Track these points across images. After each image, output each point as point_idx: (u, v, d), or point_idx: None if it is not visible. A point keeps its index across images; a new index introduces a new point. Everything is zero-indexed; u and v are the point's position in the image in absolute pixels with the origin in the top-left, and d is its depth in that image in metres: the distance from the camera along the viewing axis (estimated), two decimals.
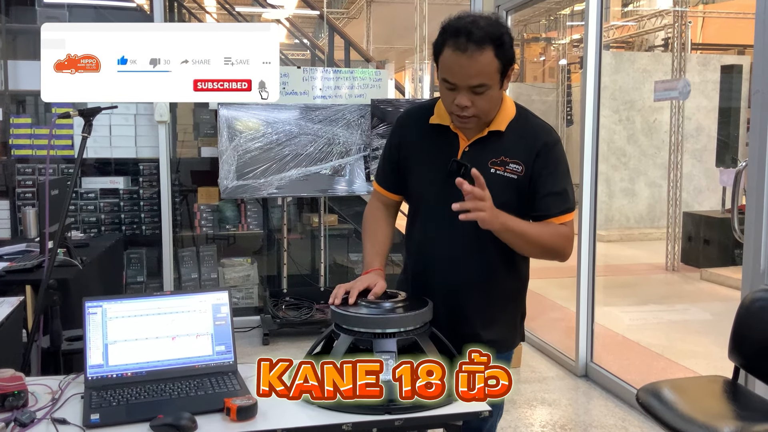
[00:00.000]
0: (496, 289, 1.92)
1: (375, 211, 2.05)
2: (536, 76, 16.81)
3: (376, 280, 1.85)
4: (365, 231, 2.04)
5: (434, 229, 1.90)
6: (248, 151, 4.65)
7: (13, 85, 4.96)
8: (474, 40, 1.66)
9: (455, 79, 1.71)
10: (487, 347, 1.81)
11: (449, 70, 1.72)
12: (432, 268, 1.93)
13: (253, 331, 5.04)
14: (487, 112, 1.80)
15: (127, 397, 1.67)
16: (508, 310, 1.98)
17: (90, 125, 2.36)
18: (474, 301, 1.90)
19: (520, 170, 1.81)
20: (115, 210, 5.04)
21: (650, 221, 10.16)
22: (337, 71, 5.14)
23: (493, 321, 1.93)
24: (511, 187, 1.82)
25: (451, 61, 1.70)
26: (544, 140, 1.84)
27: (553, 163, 1.84)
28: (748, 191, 2.81)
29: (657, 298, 6.77)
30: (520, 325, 2.05)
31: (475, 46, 1.66)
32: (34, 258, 3.39)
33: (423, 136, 1.91)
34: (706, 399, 2.43)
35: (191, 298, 1.87)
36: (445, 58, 1.72)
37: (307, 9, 7.91)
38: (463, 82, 1.71)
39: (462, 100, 1.73)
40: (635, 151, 10.17)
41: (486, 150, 1.83)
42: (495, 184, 1.77)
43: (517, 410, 3.65)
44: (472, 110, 1.75)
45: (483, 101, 1.75)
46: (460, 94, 1.73)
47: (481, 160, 1.80)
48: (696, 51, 12.59)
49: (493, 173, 1.81)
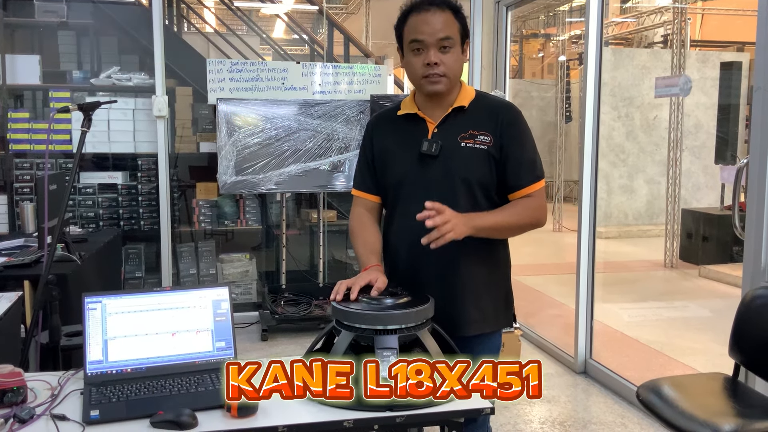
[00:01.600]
0: (483, 265, 1.96)
1: (359, 217, 2.08)
2: (535, 73, 16.79)
3: (376, 275, 1.86)
4: (354, 236, 2.06)
5: (414, 210, 1.89)
6: (247, 146, 4.64)
7: (11, 80, 4.94)
8: (435, 3, 1.87)
9: (424, 35, 1.85)
10: (476, 324, 1.93)
11: (416, 29, 1.86)
12: (418, 252, 1.88)
13: (251, 327, 5.03)
14: (455, 72, 1.90)
15: (126, 393, 1.66)
16: (495, 282, 2.01)
17: (89, 120, 2.35)
18: (460, 277, 1.93)
19: (488, 141, 1.91)
20: (113, 205, 5.03)
21: (649, 218, 10.17)
22: (336, 67, 5.12)
23: (484, 293, 1.96)
24: (483, 158, 1.91)
25: (417, 22, 1.86)
26: (506, 111, 1.96)
27: (519, 132, 1.94)
28: (749, 188, 2.81)
29: (656, 295, 6.77)
30: (506, 305, 2.06)
31: (436, 8, 1.86)
32: (32, 253, 3.38)
33: (393, 129, 2.02)
34: (707, 396, 2.43)
35: (191, 294, 1.86)
36: (410, 23, 1.88)
37: (306, 4, 7.88)
38: (431, 37, 1.85)
39: (431, 57, 1.85)
40: (634, 148, 10.17)
41: (454, 126, 1.93)
42: (467, 157, 1.90)
43: (516, 406, 3.65)
44: (442, 68, 1.86)
45: (450, 59, 1.87)
46: (429, 52, 1.86)
47: (451, 136, 1.92)
48: (695, 48, 12.59)
49: (464, 147, 1.91)
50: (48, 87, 4.99)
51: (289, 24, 8.68)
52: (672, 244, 7.88)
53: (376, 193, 2.07)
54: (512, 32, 4.50)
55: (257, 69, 4.90)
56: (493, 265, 2.00)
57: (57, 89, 4.94)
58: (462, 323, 1.93)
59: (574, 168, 8.51)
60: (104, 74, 5.11)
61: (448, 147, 1.91)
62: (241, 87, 4.83)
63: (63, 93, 4.93)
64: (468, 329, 1.94)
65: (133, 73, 5.14)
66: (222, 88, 4.78)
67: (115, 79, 5.09)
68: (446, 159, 1.90)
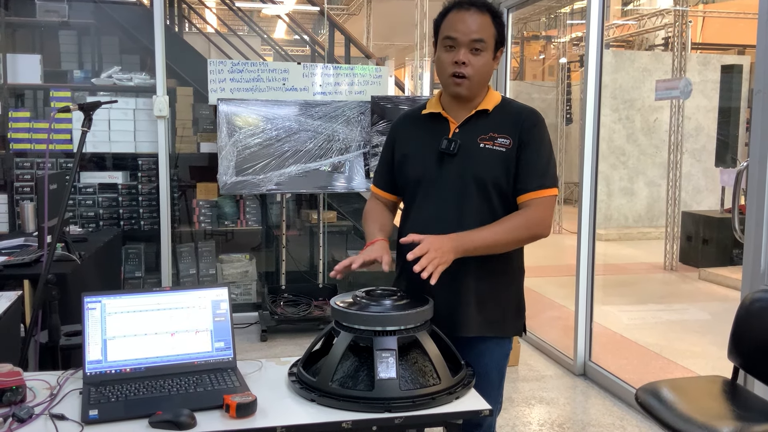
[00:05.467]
0: (493, 265, 1.94)
1: (374, 205, 2.13)
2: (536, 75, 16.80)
3: (381, 252, 1.87)
4: (365, 218, 2.10)
5: (431, 210, 1.95)
6: (247, 146, 4.64)
7: (12, 79, 4.95)
8: (476, 5, 1.88)
9: (458, 33, 1.87)
10: (482, 327, 1.92)
11: (452, 26, 1.88)
12: None
13: (251, 328, 5.03)
14: (481, 76, 1.91)
15: (125, 393, 1.66)
16: (504, 289, 2.00)
17: (90, 119, 2.35)
18: (472, 277, 1.92)
19: (508, 143, 1.91)
20: (113, 205, 5.03)
21: (649, 220, 10.17)
22: (337, 68, 5.12)
23: (490, 300, 1.95)
24: (500, 160, 1.91)
25: (455, 19, 1.88)
26: (529, 116, 1.95)
27: (537, 137, 1.93)
28: (749, 192, 2.81)
29: (655, 297, 6.77)
30: (517, 314, 2.04)
31: (476, 9, 1.88)
32: (32, 252, 3.38)
33: (417, 127, 2.05)
34: (706, 399, 2.43)
35: (191, 294, 1.86)
36: (448, 19, 1.90)
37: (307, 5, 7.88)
38: (465, 36, 1.86)
39: (461, 56, 1.87)
40: (634, 150, 10.17)
41: (475, 128, 1.94)
42: (485, 158, 1.90)
43: (515, 408, 3.65)
44: (469, 69, 1.88)
45: (479, 62, 1.88)
46: (460, 51, 1.87)
47: (471, 137, 1.93)
48: (696, 50, 12.59)
49: (483, 147, 1.92)
50: (49, 86, 4.99)
51: (290, 25, 8.68)
52: (672, 247, 7.88)
53: (392, 192, 2.10)
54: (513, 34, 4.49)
55: (258, 69, 4.90)
56: (504, 271, 1.98)
57: (58, 89, 4.94)
58: (464, 323, 1.92)
59: (575, 170, 8.51)
60: (105, 74, 5.11)
61: (467, 146, 1.92)
62: (242, 87, 4.83)
63: (64, 92, 4.93)
64: (469, 329, 1.93)
65: (134, 73, 5.14)
66: (223, 89, 4.78)
67: (116, 78, 5.09)
68: (463, 158, 1.91)
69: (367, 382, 1.65)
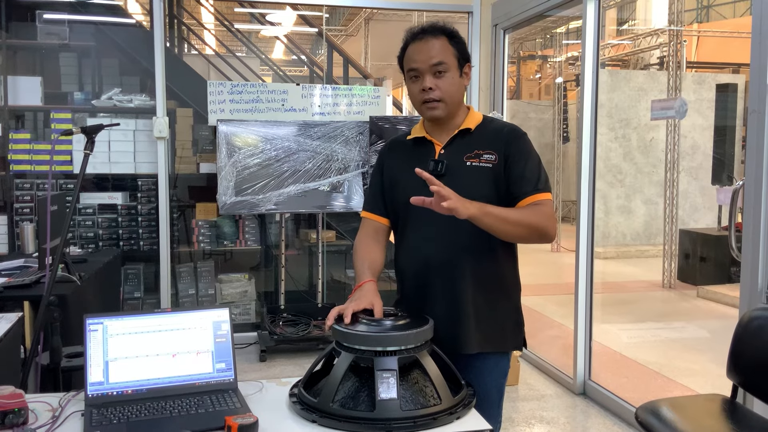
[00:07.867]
0: (488, 279, 1.96)
1: (364, 237, 2.11)
2: (532, 94, 16.91)
3: (370, 298, 1.87)
4: (355, 253, 2.08)
5: (425, 231, 1.97)
6: (247, 167, 4.67)
7: (13, 101, 4.98)
8: (429, 32, 1.94)
9: (417, 63, 1.93)
10: (482, 342, 1.94)
11: (411, 58, 1.95)
12: (426, 270, 1.97)
13: (250, 348, 5.02)
14: (451, 96, 1.95)
15: (127, 414, 1.66)
16: (501, 303, 2.01)
17: (92, 142, 2.37)
18: (466, 296, 1.94)
19: (494, 158, 1.95)
20: (113, 225, 5.05)
21: (646, 238, 10.19)
22: (335, 88, 5.17)
23: (488, 312, 1.97)
24: (488, 176, 1.94)
25: (413, 51, 1.95)
26: (512, 132, 1.99)
27: (522, 148, 1.96)
28: (745, 210, 2.83)
29: (654, 315, 6.77)
30: (516, 328, 2.05)
31: (430, 35, 1.94)
32: (32, 274, 3.38)
33: (404, 152, 2.09)
34: (705, 417, 2.43)
35: (192, 316, 1.87)
36: (408, 53, 1.97)
37: (305, 26, 7.96)
38: (424, 64, 1.92)
39: (426, 83, 1.92)
40: (631, 169, 10.22)
41: (460, 147, 1.99)
42: (473, 175, 1.94)
43: (515, 428, 3.64)
44: (437, 93, 1.93)
45: (445, 83, 1.93)
46: (425, 78, 1.93)
47: (457, 156, 1.97)
48: (691, 69, 12.69)
49: (470, 166, 1.95)
50: (49, 108, 5.03)
51: (288, 46, 8.76)
52: (670, 265, 7.89)
53: (384, 215, 2.11)
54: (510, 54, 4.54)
55: (257, 90, 4.94)
56: (500, 287, 2.00)
57: (58, 110, 4.98)
58: (465, 341, 1.94)
59: (572, 188, 8.55)
60: (105, 95, 5.15)
61: (454, 166, 1.95)
62: (242, 108, 4.87)
63: (64, 114, 4.97)
64: (470, 347, 1.94)
65: (134, 95, 5.18)
66: (222, 110, 4.82)
67: (116, 100, 5.13)
68: (452, 178, 1.92)
69: (368, 403, 1.65)
